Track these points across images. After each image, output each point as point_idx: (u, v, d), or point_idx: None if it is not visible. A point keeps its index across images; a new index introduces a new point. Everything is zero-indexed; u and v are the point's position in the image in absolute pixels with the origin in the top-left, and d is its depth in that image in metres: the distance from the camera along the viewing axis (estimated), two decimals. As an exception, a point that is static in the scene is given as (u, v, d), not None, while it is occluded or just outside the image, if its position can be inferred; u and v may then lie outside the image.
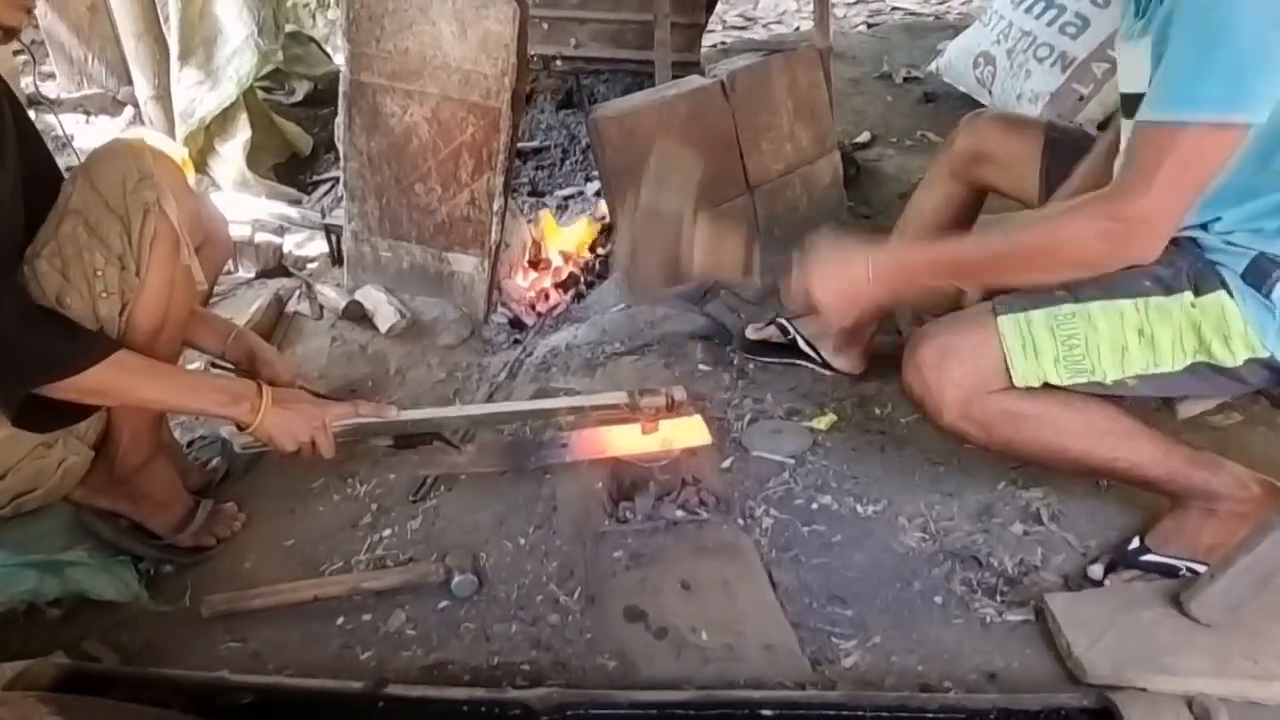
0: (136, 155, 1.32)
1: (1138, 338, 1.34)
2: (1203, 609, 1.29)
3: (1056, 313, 1.36)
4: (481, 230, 2.35)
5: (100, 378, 1.28)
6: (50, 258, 1.29)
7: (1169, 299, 1.33)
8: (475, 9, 2.14)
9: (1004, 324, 1.37)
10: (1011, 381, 1.37)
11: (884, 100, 3.58)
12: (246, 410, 1.42)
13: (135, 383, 1.34)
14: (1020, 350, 1.36)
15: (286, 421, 1.46)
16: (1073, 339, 1.35)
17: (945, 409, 1.41)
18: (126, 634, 1.44)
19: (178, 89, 2.98)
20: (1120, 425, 1.40)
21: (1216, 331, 1.32)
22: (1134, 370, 1.35)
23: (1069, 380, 1.36)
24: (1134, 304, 1.34)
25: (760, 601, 1.43)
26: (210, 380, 1.51)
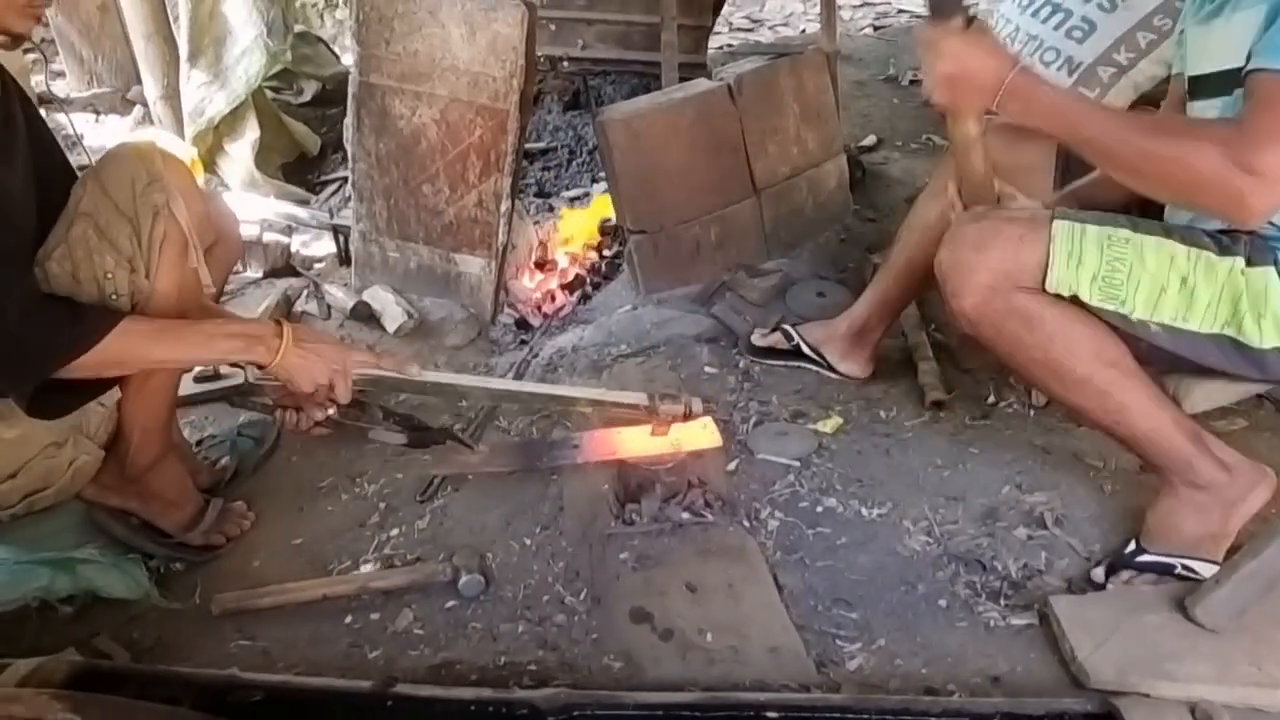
0: (146, 158, 1.34)
1: (1180, 285, 1.33)
2: (1207, 614, 1.29)
3: (1112, 234, 1.36)
4: (489, 231, 2.36)
5: (113, 348, 1.28)
6: (61, 260, 1.30)
7: (1221, 259, 1.33)
8: (484, 12, 2.15)
9: (1058, 226, 1.36)
10: (1044, 285, 1.36)
11: (890, 103, 3.58)
12: (264, 352, 1.39)
13: (148, 345, 1.33)
14: (1065, 255, 1.34)
15: (306, 361, 1.42)
16: (1118, 263, 1.34)
17: (969, 291, 1.40)
18: (137, 631, 1.46)
19: (187, 89, 3.00)
20: (1125, 363, 1.39)
21: (1253, 306, 1.32)
22: (1163, 316, 1.34)
23: (1098, 301, 1.35)
24: (1187, 252, 1.34)
25: (765, 604, 1.44)
26: (224, 325, 1.45)
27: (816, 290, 2.46)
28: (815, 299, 2.43)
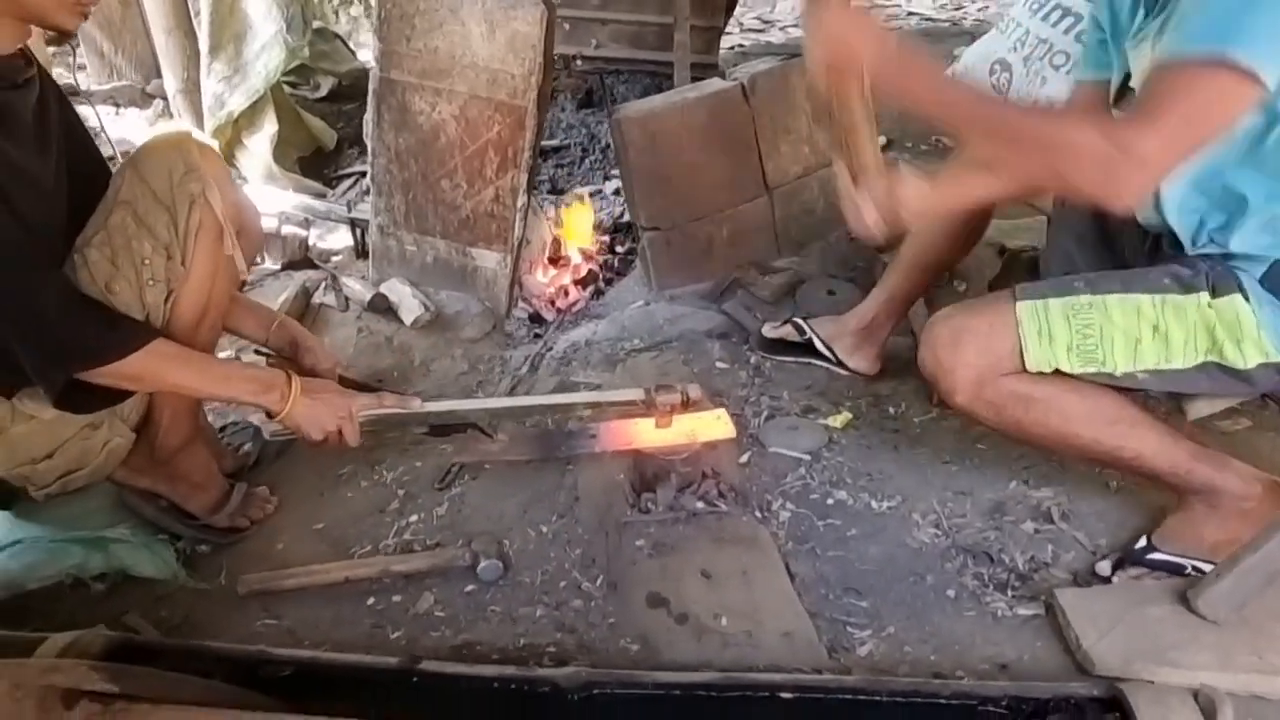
0: (183, 149, 1.38)
1: (1152, 333, 1.37)
2: (1209, 606, 1.33)
3: (1074, 302, 1.40)
4: (505, 226, 2.40)
5: (138, 365, 1.33)
6: (100, 246, 1.34)
7: (1186, 297, 1.37)
8: (504, 10, 2.18)
9: (1021, 309, 1.41)
10: (1024, 365, 1.40)
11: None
12: (276, 399, 1.47)
13: (171, 370, 1.39)
14: (1035, 335, 1.39)
15: (314, 411, 1.50)
16: (1088, 329, 1.38)
17: (958, 389, 1.45)
18: (165, 610, 1.49)
19: (207, 83, 3.04)
20: (1127, 414, 1.43)
21: (1230, 334, 1.36)
22: (1146, 365, 1.39)
23: (1079, 368, 1.39)
24: (1151, 300, 1.38)
25: (778, 591, 1.48)
26: (242, 369, 1.55)
27: (827, 288, 2.50)
28: (825, 297, 2.46)
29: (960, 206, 1.70)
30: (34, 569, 1.43)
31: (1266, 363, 1.36)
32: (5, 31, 1.31)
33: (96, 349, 1.30)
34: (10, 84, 1.33)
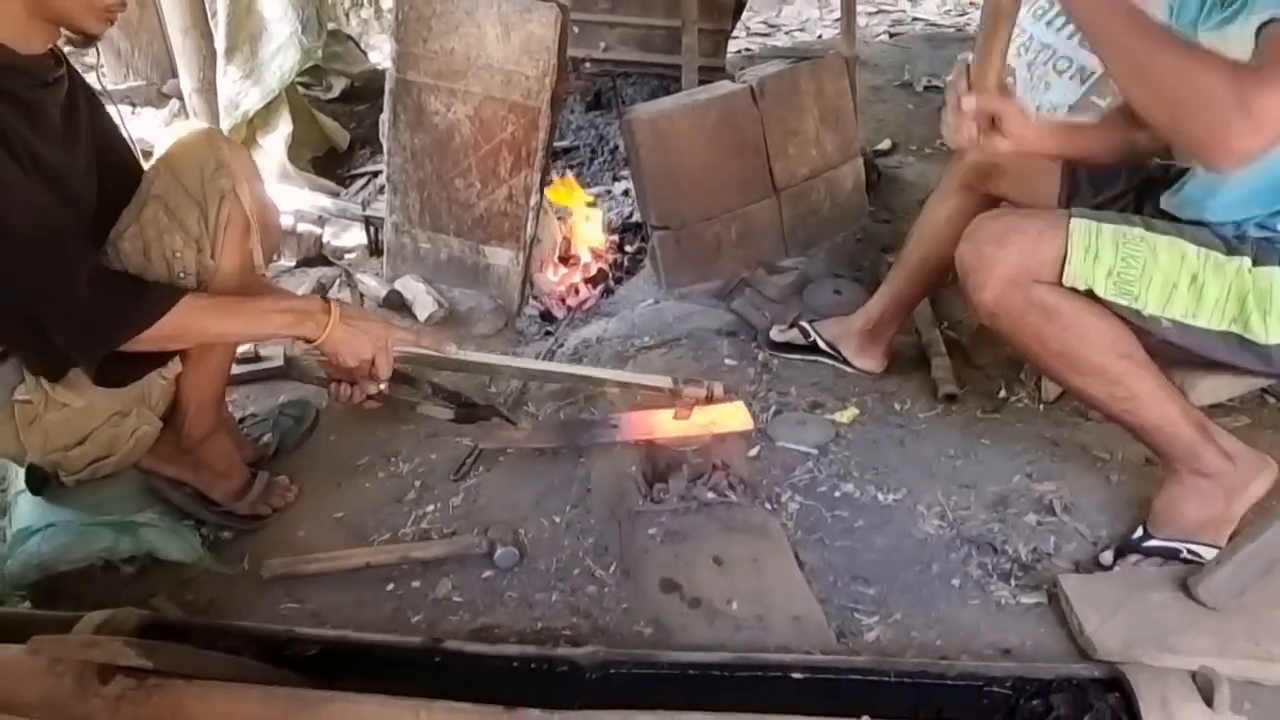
0: (214, 146, 1.42)
1: (1190, 282, 1.40)
2: (1208, 593, 1.36)
3: (1127, 232, 1.43)
4: (518, 225, 2.44)
5: (175, 322, 1.35)
6: (133, 239, 1.39)
7: (1229, 259, 1.40)
8: (519, 12, 2.23)
9: (1076, 224, 1.43)
10: (1061, 278, 1.43)
11: (905, 109, 3.65)
12: (313, 327, 1.46)
13: (207, 319, 1.41)
14: (1082, 251, 1.41)
15: (352, 337, 1.49)
16: (1132, 259, 1.41)
17: (990, 284, 1.47)
18: (191, 593, 1.54)
19: (223, 83, 3.08)
20: (1138, 355, 1.46)
21: (1259, 304, 1.39)
22: (1174, 313, 1.42)
23: (1112, 296, 1.42)
24: (1197, 251, 1.41)
25: (788, 578, 1.52)
26: (276, 303, 1.52)
27: (833, 288, 2.54)
28: (832, 296, 2.51)
29: (1050, 151, 1.65)
30: (66, 551, 1.47)
31: None
32: (35, 33, 1.35)
33: (134, 317, 1.33)
34: (40, 82, 1.38)
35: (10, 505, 1.57)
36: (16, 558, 1.46)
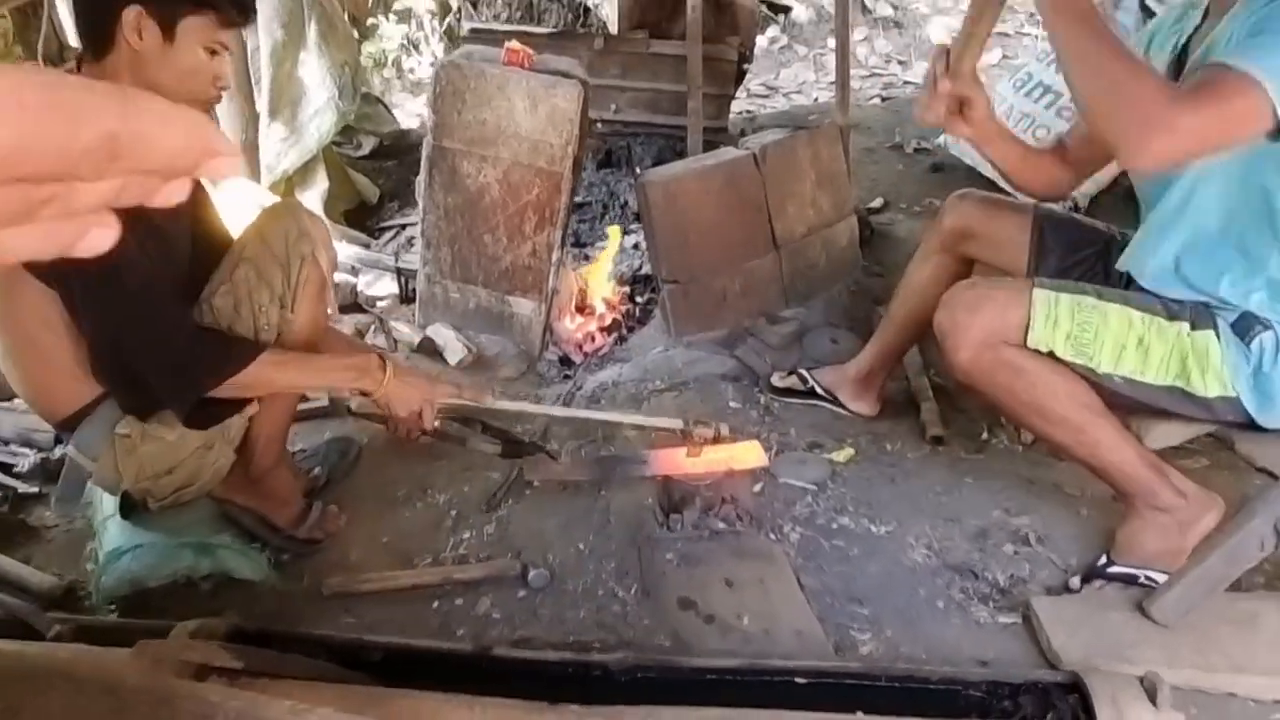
0: (297, 216, 1.64)
1: (1137, 344, 1.61)
2: (1160, 612, 1.56)
3: (1082, 301, 1.63)
4: (540, 278, 2.66)
5: (254, 374, 1.56)
6: (225, 295, 1.60)
7: (1170, 323, 1.61)
8: (546, 88, 2.47)
9: (1038, 293, 1.64)
10: (1025, 341, 1.63)
11: (896, 169, 3.91)
12: (371, 382, 1.69)
13: (281, 374, 1.62)
14: (1043, 318, 1.62)
15: (403, 391, 1.72)
16: (1087, 324, 1.61)
17: (964, 347, 1.67)
18: (259, 607, 1.72)
19: (265, 143, 3.33)
20: (1096, 404, 1.66)
21: (1198, 363, 1.59)
22: (1124, 370, 1.62)
23: (1070, 356, 1.62)
24: (1142, 317, 1.62)
25: (791, 598, 1.71)
26: (340, 360, 1.76)
27: (830, 337, 2.75)
28: (829, 345, 2.72)
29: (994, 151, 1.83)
30: (153, 569, 1.66)
31: (1224, 395, 1.60)
32: None
33: (221, 366, 1.54)
34: None
35: (101, 529, 1.76)
36: (110, 574, 1.65)
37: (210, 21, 1.51)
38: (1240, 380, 1.58)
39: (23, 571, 1.79)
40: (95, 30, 1.50)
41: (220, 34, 1.54)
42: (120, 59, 1.50)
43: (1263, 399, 1.58)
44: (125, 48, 1.48)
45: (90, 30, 1.51)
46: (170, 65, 1.51)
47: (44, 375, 1.61)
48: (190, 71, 1.53)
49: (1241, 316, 1.60)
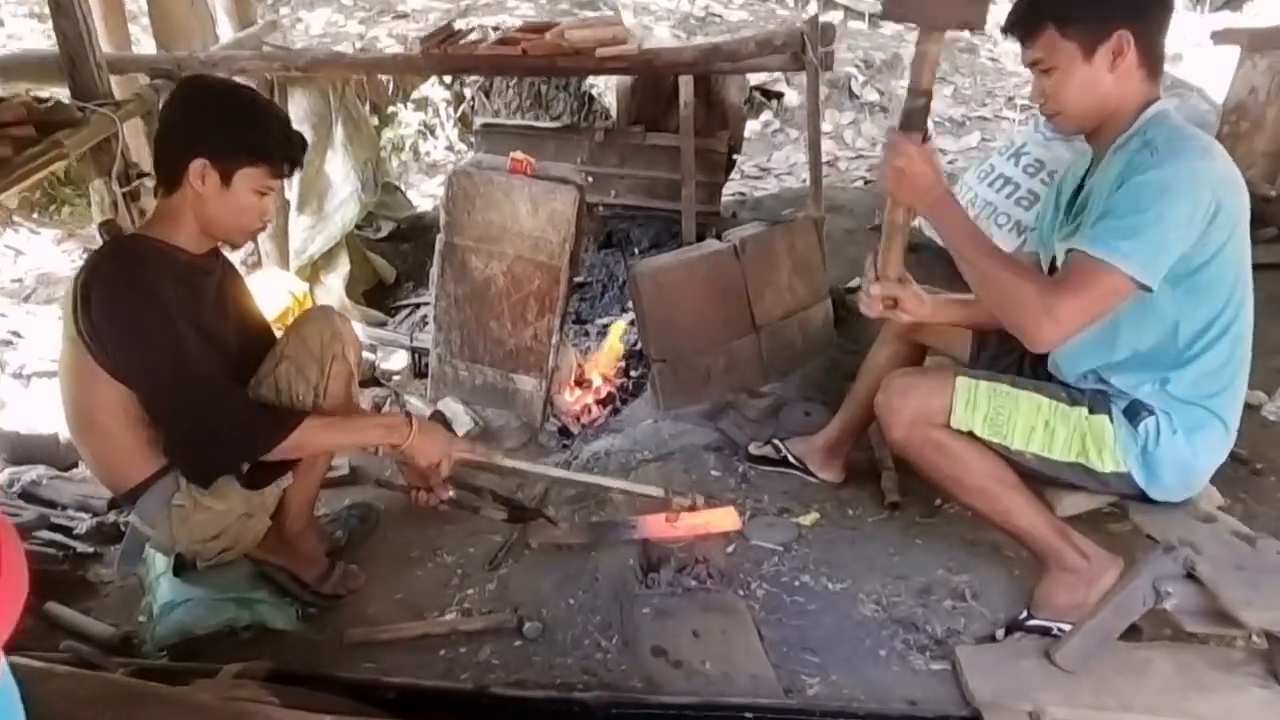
0: (330, 319, 1.96)
1: (1044, 426, 1.88)
2: (1064, 659, 1.80)
3: (997, 388, 1.90)
4: (541, 358, 2.97)
5: (299, 437, 1.84)
6: (269, 386, 1.91)
7: (1072, 408, 1.88)
8: (546, 193, 2.81)
9: (960, 381, 1.91)
10: (949, 422, 1.90)
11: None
12: (400, 436, 1.95)
13: (322, 435, 1.91)
14: (964, 403, 1.89)
15: (427, 444, 1.98)
16: (1001, 409, 1.88)
17: (896, 426, 1.94)
18: (290, 654, 1.98)
19: (293, 230, 3.68)
20: (1009, 478, 1.92)
21: (1095, 443, 1.86)
22: (1034, 448, 1.88)
23: (987, 435, 1.89)
24: (1049, 402, 1.89)
25: (749, 647, 1.96)
26: (372, 419, 2.13)
27: (804, 410, 3.02)
28: (803, 417, 2.99)
29: (942, 318, 2.15)
30: (200, 620, 1.93)
31: (1118, 471, 1.87)
32: (204, 242, 1.91)
33: (276, 431, 1.82)
34: (204, 271, 1.93)
35: (154, 585, 2.04)
36: (163, 624, 1.93)
37: (263, 172, 1.84)
38: (1131, 458, 1.85)
39: (84, 621, 2.06)
40: (168, 173, 1.84)
41: (270, 181, 1.87)
42: (185, 196, 1.83)
43: (1150, 475, 1.85)
44: (190, 189, 1.81)
45: (164, 172, 1.85)
46: (226, 205, 1.83)
47: (111, 455, 1.91)
48: (243, 210, 1.86)
49: (1131, 403, 1.87)
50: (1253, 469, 2.64)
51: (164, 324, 1.75)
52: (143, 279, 1.76)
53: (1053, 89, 1.78)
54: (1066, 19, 1.72)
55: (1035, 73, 1.81)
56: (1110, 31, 1.70)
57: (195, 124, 1.84)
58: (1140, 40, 1.71)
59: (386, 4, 7.00)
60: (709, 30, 6.82)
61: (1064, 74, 1.75)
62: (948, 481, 1.98)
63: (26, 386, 3.17)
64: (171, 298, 1.78)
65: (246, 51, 3.46)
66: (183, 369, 1.77)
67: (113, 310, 1.75)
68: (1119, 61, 1.72)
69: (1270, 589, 1.60)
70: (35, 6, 6.03)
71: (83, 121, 2.31)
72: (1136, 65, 1.73)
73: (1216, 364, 1.83)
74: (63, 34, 2.39)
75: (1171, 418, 1.83)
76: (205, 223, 1.86)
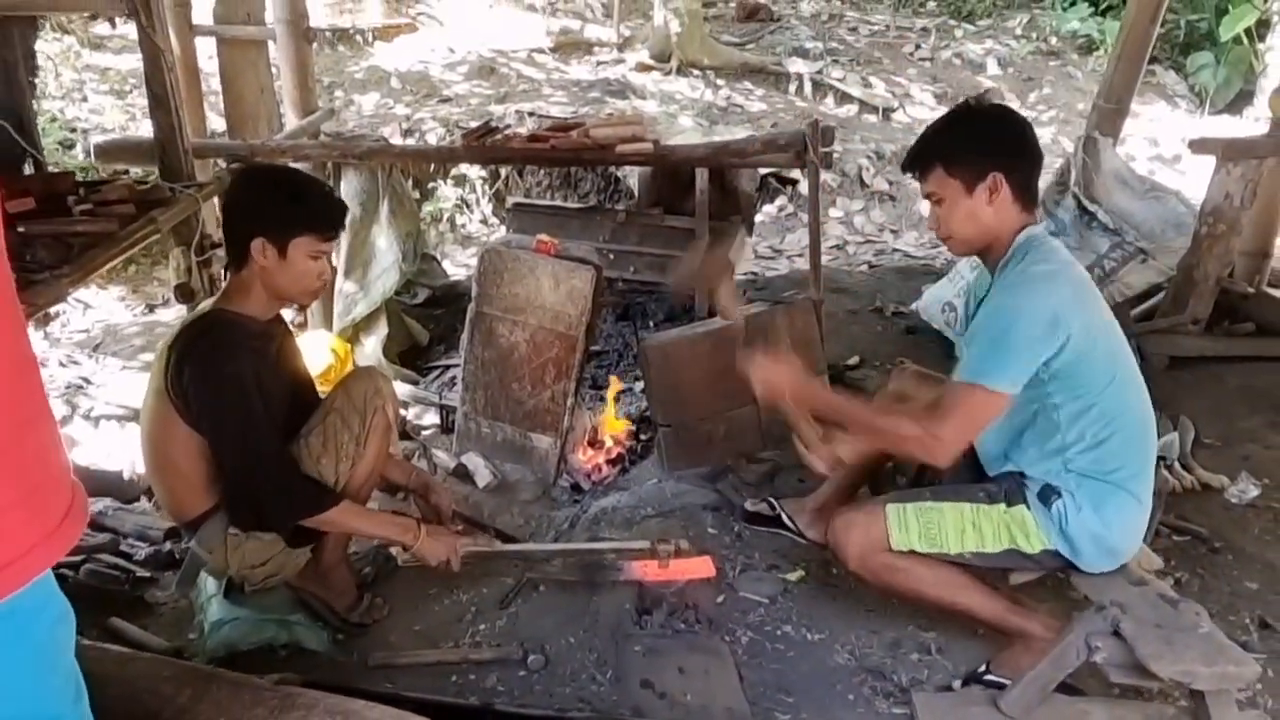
0: (373, 378, 2.27)
1: (971, 527, 2.12)
2: (1008, 706, 2.01)
3: (922, 505, 2.16)
4: (557, 419, 3.25)
5: (332, 515, 2.14)
6: (317, 435, 2.20)
7: (991, 506, 2.13)
8: (567, 271, 3.13)
9: (890, 509, 2.16)
10: (891, 546, 2.15)
11: (874, 330, 4.50)
12: (410, 538, 2.27)
13: (349, 519, 2.21)
14: (897, 526, 2.14)
15: (433, 546, 2.29)
16: (930, 523, 2.13)
17: (849, 559, 2.19)
18: (320, 672, 2.22)
19: (338, 296, 4.03)
20: (960, 580, 2.15)
21: (1020, 530, 2.10)
22: (969, 548, 2.12)
23: (927, 549, 2.13)
24: (971, 506, 2.14)
25: (729, 685, 2.18)
26: (391, 518, 2.37)
27: (799, 476, 3.25)
28: (797, 483, 3.22)
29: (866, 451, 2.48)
30: (245, 637, 2.19)
31: (1046, 549, 2.10)
32: (271, 308, 2.23)
33: (316, 506, 2.13)
34: (269, 335, 2.24)
35: (206, 605, 2.31)
36: (213, 639, 2.19)
37: (312, 239, 2.14)
38: (1053, 537, 2.08)
39: (142, 636, 2.33)
40: (234, 253, 2.17)
41: (320, 246, 2.18)
42: (252, 270, 2.15)
43: (1072, 549, 2.08)
44: (255, 264, 2.13)
45: (232, 253, 2.18)
46: (287, 273, 2.15)
47: (180, 489, 2.20)
48: (302, 275, 2.17)
49: (1043, 489, 2.11)
50: (1211, 547, 2.85)
51: (239, 398, 2.06)
52: (227, 359, 2.07)
53: (943, 217, 2.10)
54: (951, 159, 2.06)
55: (931, 204, 2.17)
56: (986, 172, 2.03)
57: (251, 208, 2.16)
58: (1011, 179, 2.03)
59: (431, 89, 7.53)
60: (730, 119, 7.26)
61: (951, 205, 2.07)
62: (909, 596, 2.23)
63: (96, 428, 3.50)
64: (247, 372, 2.08)
65: (308, 140, 3.87)
66: (249, 438, 2.07)
67: (203, 386, 2.06)
68: (994, 196, 2.04)
69: (1182, 644, 1.81)
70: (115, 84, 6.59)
71: (172, 200, 2.67)
72: (1011, 200, 2.05)
73: (1109, 441, 2.06)
74: (158, 124, 2.78)
75: (1075, 496, 2.07)
76: (273, 290, 2.18)
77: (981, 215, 2.05)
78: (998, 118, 2.18)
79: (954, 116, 2.19)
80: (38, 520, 0.90)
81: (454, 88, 7.61)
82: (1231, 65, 9.21)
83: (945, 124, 2.15)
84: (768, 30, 9.85)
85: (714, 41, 9.07)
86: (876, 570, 2.18)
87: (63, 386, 3.80)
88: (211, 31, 4.32)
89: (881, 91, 8.56)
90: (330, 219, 2.20)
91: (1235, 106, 9.20)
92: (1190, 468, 3.16)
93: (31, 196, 2.31)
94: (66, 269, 2.13)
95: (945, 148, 2.08)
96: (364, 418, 2.20)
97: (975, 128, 2.12)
